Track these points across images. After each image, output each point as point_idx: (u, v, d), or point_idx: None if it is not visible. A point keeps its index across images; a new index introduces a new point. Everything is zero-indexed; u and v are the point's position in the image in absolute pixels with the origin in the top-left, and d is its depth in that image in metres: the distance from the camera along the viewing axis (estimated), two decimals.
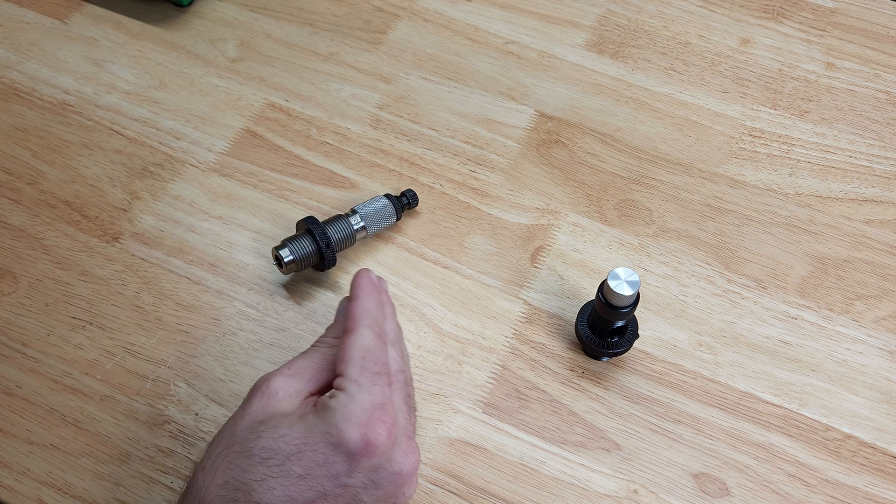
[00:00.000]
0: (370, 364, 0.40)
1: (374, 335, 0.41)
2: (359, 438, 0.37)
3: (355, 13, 0.67)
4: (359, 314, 0.42)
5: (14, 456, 0.47)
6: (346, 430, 0.37)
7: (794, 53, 0.65)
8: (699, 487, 0.46)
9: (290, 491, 0.37)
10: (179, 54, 0.64)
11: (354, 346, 0.40)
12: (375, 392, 0.39)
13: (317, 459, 0.37)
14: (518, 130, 0.60)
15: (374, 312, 0.42)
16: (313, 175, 0.58)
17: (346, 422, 0.38)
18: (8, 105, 0.61)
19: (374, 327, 0.41)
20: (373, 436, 0.38)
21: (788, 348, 0.51)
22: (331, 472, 0.37)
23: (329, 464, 0.38)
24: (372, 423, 0.38)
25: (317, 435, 0.38)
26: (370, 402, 0.38)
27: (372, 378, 0.39)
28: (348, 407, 0.38)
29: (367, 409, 0.38)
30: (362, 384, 0.39)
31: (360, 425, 0.38)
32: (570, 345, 0.51)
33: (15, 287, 0.53)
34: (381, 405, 0.39)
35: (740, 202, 0.57)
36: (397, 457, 0.39)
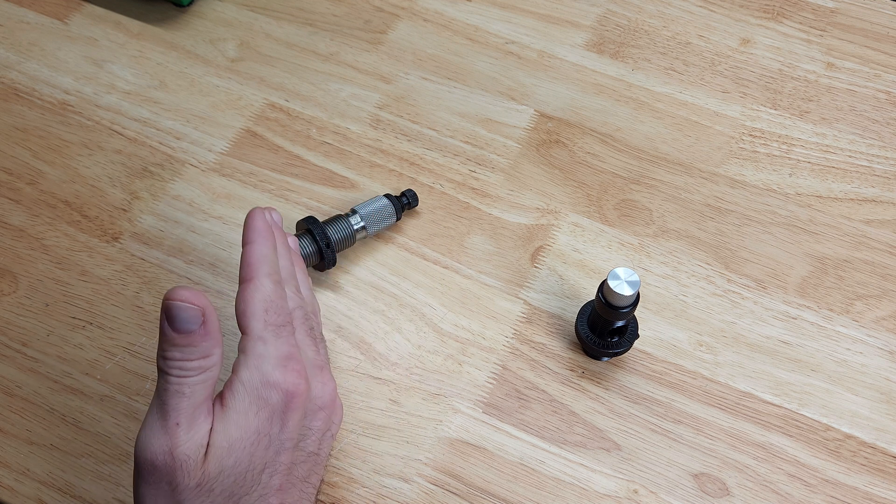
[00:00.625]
0: (273, 316, 0.38)
1: (272, 283, 0.39)
2: (281, 396, 0.37)
3: (355, 13, 0.67)
4: (256, 262, 0.39)
5: (14, 456, 0.47)
6: (268, 395, 0.37)
7: (794, 53, 0.65)
8: (699, 487, 0.46)
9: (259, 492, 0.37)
10: (179, 54, 0.64)
11: (255, 298, 0.38)
12: (281, 344, 0.38)
13: (264, 444, 0.37)
14: (518, 130, 0.60)
15: (271, 257, 0.40)
16: (313, 175, 0.58)
17: (266, 386, 0.37)
18: (8, 105, 0.61)
19: (273, 274, 0.40)
20: (292, 387, 0.37)
21: (788, 348, 0.51)
22: (277, 447, 0.37)
23: (273, 439, 0.37)
24: (287, 377, 0.37)
25: (251, 421, 0.37)
26: (278, 356, 0.38)
27: (276, 331, 0.38)
28: (261, 369, 0.37)
29: (277, 365, 0.37)
30: (268, 340, 0.38)
31: (277, 384, 0.37)
32: (570, 345, 0.51)
33: (15, 287, 0.53)
34: (288, 355, 0.38)
35: (740, 202, 0.57)
36: (316, 392, 0.40)
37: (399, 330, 0.51)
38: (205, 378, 0.36)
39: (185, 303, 0.35)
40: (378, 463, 0.47)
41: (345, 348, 0.50)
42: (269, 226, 0.42)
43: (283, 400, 0.37)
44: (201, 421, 0.36)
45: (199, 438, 0.36)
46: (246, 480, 0.36)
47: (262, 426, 0.37)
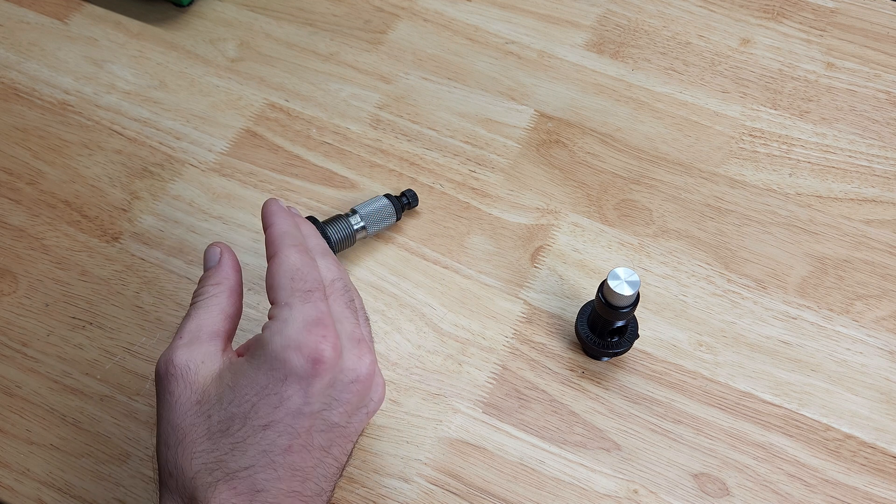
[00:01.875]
0: (300, 283, 0.38)
1: (298, 253, 0.39)
2: (304, 361, 0.36)
3: (355, 13, 0.67)
4: (278, 237, 0.39)
5: (14, 456, 0.47)
6: (288, 358, 0.36)
7: (794, 53, 0.65)
8: (699, 487, 0.46)
9: (261, 446, 0.36)
10: (179, 54, 0.64)
11: (280, 269, 0.38)
12: (308, 309, 0.37)
13: (272, 402, 0.36)
14: (518, 130, 0.60)
15: (293, 232, 0.40)
16: (313, 175, 0.58)
17: (286, 349, 0.36)
18: (8, 105, 0.61)
19: (298, 245, 0.39)
20: (316, 353, 0.36)
21: (788, 348, 0.51)
22: (291, 409, 0.36)
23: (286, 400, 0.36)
24: (312, 342, 0.36)
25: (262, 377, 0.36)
26: (304, 320, 0.37)
27: (304, 296, 0.37)
28: (283, 333, 0.36)
29: (302, 329, 0.36)
30: (294, 305, 0.37)
31: (300, 347, 0.36)
32: (570, 345, 0.51)
33: (15, 287, 0.53)
34: (316, 320, 0.37)
35: (740, 202, 0.57)
36: (349, 364, 0.37)
37: (399, 330, 0.51)
38: (207, 302, 0.39)
39: (213, 246, 0.42)
40: (378, 463, 0.47)
41: None
42: (287, 210, 0.42)
43: (305, 365, 0.36)
44: (205, 342, 0.38)
45: (200, 355, 0.38)
46: (245, 426, 0.36)
47: (272, 384, 0.36)
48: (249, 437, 0.36)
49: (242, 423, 0.36)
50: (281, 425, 0.36)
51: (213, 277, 0.41)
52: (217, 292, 0.40)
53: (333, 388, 0.37)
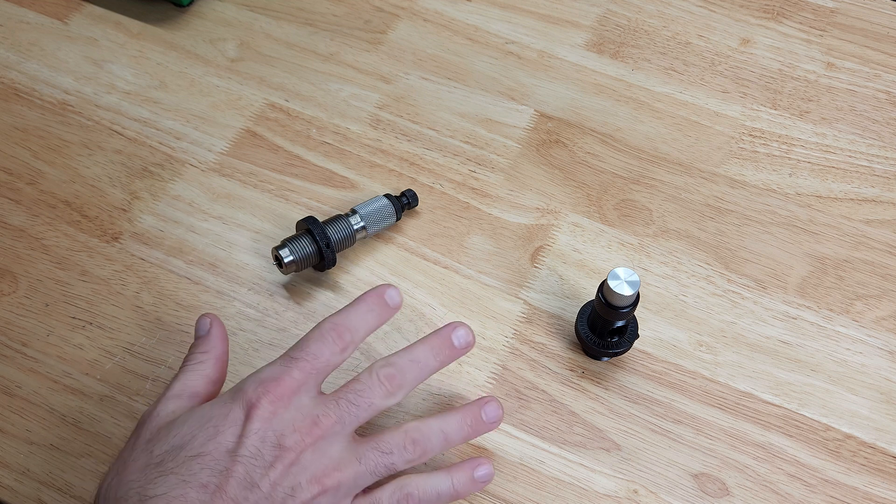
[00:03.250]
0: (294, 350, 0.41)
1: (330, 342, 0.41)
2: (251, 395, 0.38)
3: (355, 13, 0.67)
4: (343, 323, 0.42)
5: (14, 456, 0.47)
6: (234, 396, 0.39)
7: (794, 53, 0.65)
8: (699, 487, 0.46)
9: (182, 476, 0.36)
10: (179, 54, 0.64)
11: (314, 331, 0.41)
12: (275, 368, 0.40)
13: (209, 434, 0.37)
14: (518, 130, 0.60)
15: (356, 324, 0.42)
16: (313, 175, 0.58)
17: (244, 382, 0.40)
18: (8, 105, 0.61)
19: (341, 342, 0.41)
20: (256, 399, 0.38)
21: (788, 348, 0.51)
22: (222, 444, 0.37)
23: (220, 433, 0.37)
24: (262, 389, 0.38)
25: (211, 409, 0.39)
26: (269, 373, 0.39)
27: (284, 360, 0.40)
28: (246, 378, 0.40)
29: (263, 377, 0.39)
30: (277, 361, 0.40)
31: (256, 384, 0.39)
32: (570, 345, 0.51)
33: (15, 287, 0.53)
34: (275, 378, 0.39)
35: (740, 202, 0.57)
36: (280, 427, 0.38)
37: (399, 330, 0.51)
38: (194, 367, 0.42)
39: (204, 317, 0.45)
40: None
41: None
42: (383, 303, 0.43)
43: (243, 407, 0.38)
44: (185, 399, 0.41)
45: (172, 407, 0.40)
46: (177, 457, 0.37)
47: (217, 416, 0.38)
48: (176, 468, 0.37)
49: (177, 454, 0.37)
50: (209, 458, 0.37)
51: (202, 346, 0.44)
52: (204, 359, 0.43)
53: (264, 443, 0.37)
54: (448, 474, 0.41)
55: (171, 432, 0.38)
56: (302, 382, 0.39)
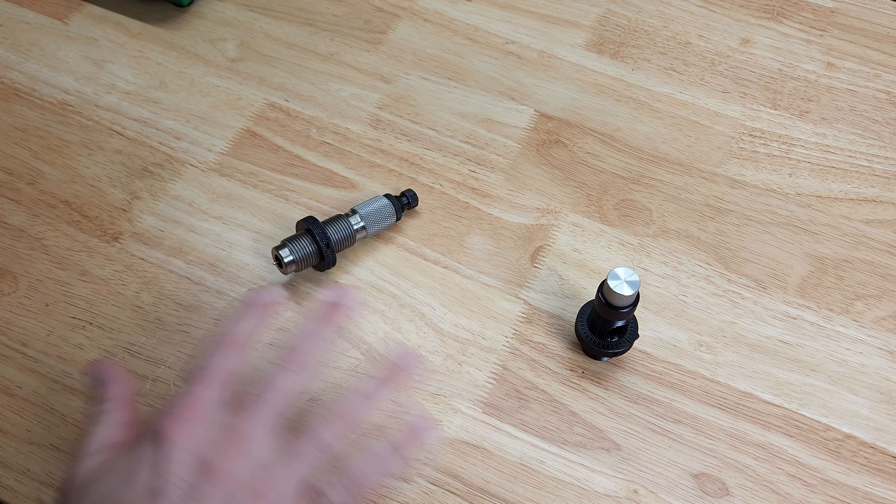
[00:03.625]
0: (194, 368, 0.39)
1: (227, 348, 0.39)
2: (157, 426, 0.36)
3: (355, 13, 0.67)
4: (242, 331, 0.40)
5: (14, 456, 0.47)
6: (150, 418, 0.37)
7: (794, 53, 0.65)
8: (699, 487, 0.46)
9: None
10: (179, 54, 0.64)
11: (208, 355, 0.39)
12: (174, 397, 0.38)
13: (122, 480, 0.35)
14: (518, 130, 0.60)
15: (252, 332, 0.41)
16: (313, 175, 0.58)
17: (153, 415, 0.37)
18: (8, 105, 0.61)
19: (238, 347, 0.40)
20: (161, 428, 0.36)
21: (788, 348, 0.51)
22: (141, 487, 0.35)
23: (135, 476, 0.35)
24: (167, 417, 0.36)
25: (124, 460, 0.36)
26: (169, 403, 0.37)
27: (195, 381, 0.38)
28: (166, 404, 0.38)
29: (164, 407, 0.37)
30: (181, 387, 0.38)
31: (159, 415, 0.37)
32: (570, 345, 0.51)
33: (15, 287, 0.53)
34: (177, 404, 0.37)
35: (740, 202, 0.57)
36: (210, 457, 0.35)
37: (399, 330, 0.51)
38: (104, 419, 0.39)
39: (92, 366, 0.42)
40: None
41: (345, 348, 0.50)
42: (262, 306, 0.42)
43: (151, 441, 0.36)
44: (105, 454, 0.38)
45: (90, 465, 0.37)
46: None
47: (124, 459, 0.37)
48: None
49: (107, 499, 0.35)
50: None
51: (104, 394, 0.41)
52: (111, 406, 0.40)
53: (184, 469, 0.35)
54: (386, 444, 0.41)
55: (89, 496, 0.36)
56: (207, 397, 0.37)
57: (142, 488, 0.34)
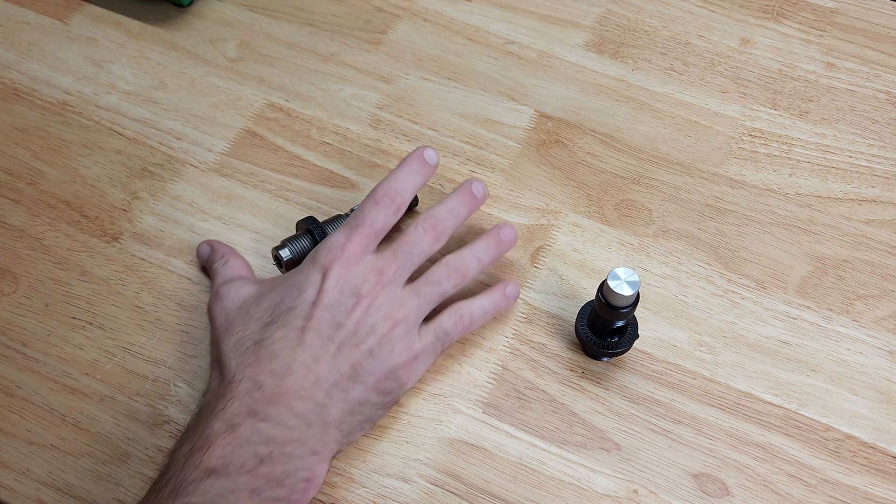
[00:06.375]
0: (354, 219, 0.47)
1: (383, 207, 0.48)
2: (324, 261, 0.46)
3: (355, 13, 0.67)
4: (394, 186, 0.49)
5: (14, 456, 0.47)
6: (319, 252, 0.47)
7: (794, 53, 0.65)
8: (699, 487, 0.46)
9: (283, 323, 0.44)
10: (179, 54, 0.64)
11: (368, 198, 0.49)
12: (341, 235, 0.47)
13: (294, 294, 0.45)
14: (518, 130, 0.60)
15: (409, 189, 0.49)
16: (313, 175, 0.58)
17: (317, 250, 0.47)
18: (8, 105, 0.61)
19: (394, 205, 0.48)
20: (329, 263, 0.46)
21: (788, 348, 0.51)
22: (307, 299, 0.45)
23: (304, 291, 0.45)
24: (332, 256, 0.46)
25: (293, 277, 0.46)
26: (336, 240, 0.47)
27: (348, 228, 0.47)
28: (325, 241, 0.48)
29: (331, 245, 0.47)
30: (340, 228, 0.48)
31: (326, 251, 0.46)
32: (570, 345, 0.51)
33: (15, 287, 0.53)
34: (342, 245, 0.46)
35: (740, 202, 0.57)
36: (355, 280, 0.46)
37: None
38: (222, 267, 0.51)
39: (201, 245, 0.53)
40: (378, 463, 0.47)
41: None
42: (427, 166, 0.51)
43: (319, 271, 0.46)
44: (235, 280, 0.49)
45: (234, 287, 0.48)
46: (274, 312, 0.45)
47: (298, 281, 0.46)
48: (275, 319, 0.45)
49: (272, 310, 0.45)
50: (299, 309, 0.45)
51: (216, 255, 0.51)
52: (224, 259, 0.51)
53: (342, 294, 0.45)
54: (487, 294, 0.50)
55: (263, 299, 0.46)
56: (365, 245, 0.47)
57: (308, 300, 0.45)
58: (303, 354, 0.43)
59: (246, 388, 0.42)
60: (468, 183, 0.51)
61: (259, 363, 0.43)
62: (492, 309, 0.49)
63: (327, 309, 0.45)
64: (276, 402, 0.42)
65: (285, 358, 0.43)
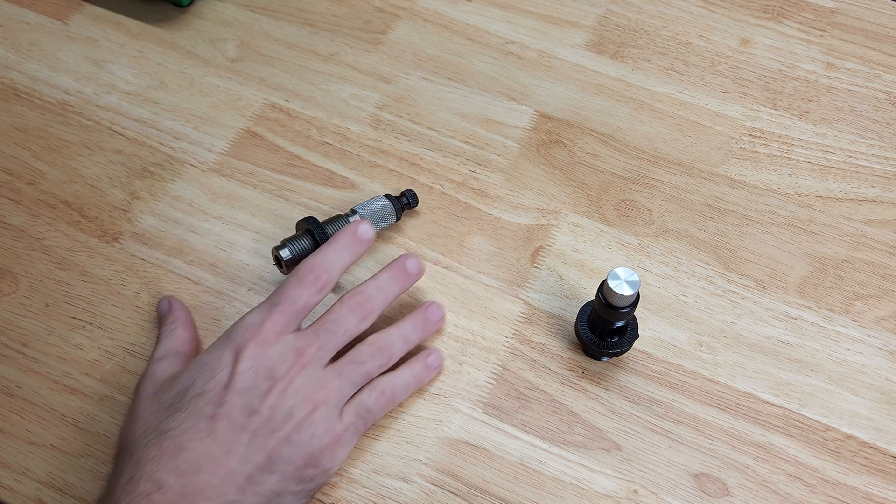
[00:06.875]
0: (275, 295, 0.45)
1: (307, 284, 0.45)
2: (239, 340, 0.43)
3: (355, 13, 0.67)
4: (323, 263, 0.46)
5: (14, 456, 0.47)
6: (234, 331, 0.44)
7: (794, 53, 0.65)
8: (699, 487, 0.46)
9: (191, 411, 0.41)
10: (179, 54, 0.64)
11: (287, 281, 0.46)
12: (259, 313, 0.44)
13: (207, 376, 0.42)
14: (518, 130, 0.60)
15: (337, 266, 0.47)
16: (313, 175, 0.58)
17: (237, 326, 0.44)
18: (8, 105, 0.61)
19: (318, 283, 0.45)
20: (243, 343, 0.43)
21: (788, 348, 0.51)
22: (220, 382, 0.42)
23: (217, 373, 0.42)
24: (249, 334, 0.43)
25: (206, 356, 0.44)
26: (253, 319, 0.44)
27: (267, 305, 0.45)
28: (241, 319, 0.45)
29: (248, 324, 0.44)
30: (260, 306, 0.45)
31: (243, 330, 0.44)
32: (570, 345, 0.51)
33: (15, 287, 0.53)
34: (259, 324, 0.44)
35: (740, 202, 0.57)
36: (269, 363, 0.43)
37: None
38: (169, 334, 0.48)
39: (161, 301, 0.51)
40: (378, 463, 0.47)
41: None
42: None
43: (233, 351, 0.43)
44: (171, 357, 0.46)
45: (165, 366, 0.46)
46: (184, 397, 0.42)
47: (211, 361, 0.43)
48: (183, 406, 0.42)
49: (182, 396, 0.42)
50: (210, 395, 0.42)
51: (168, 319, 0.49)
52: (174, 326, 0.48)
53: (256, 377, 0.42)
54: (408, 367, 0.48)
55: (175, 382, 0.43)
56: (284, 324, 0.44)
57: (220, 384, 0.42)
58: (213, 447, 0.40)
59: (144, 490, 0.38)
60: (402, 258, 0.48)
61: (163, 458, 0.39)
62: (414, 381, 0.47)
63: (240, 394, 0.41)
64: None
65: (193, 451, 0.40)
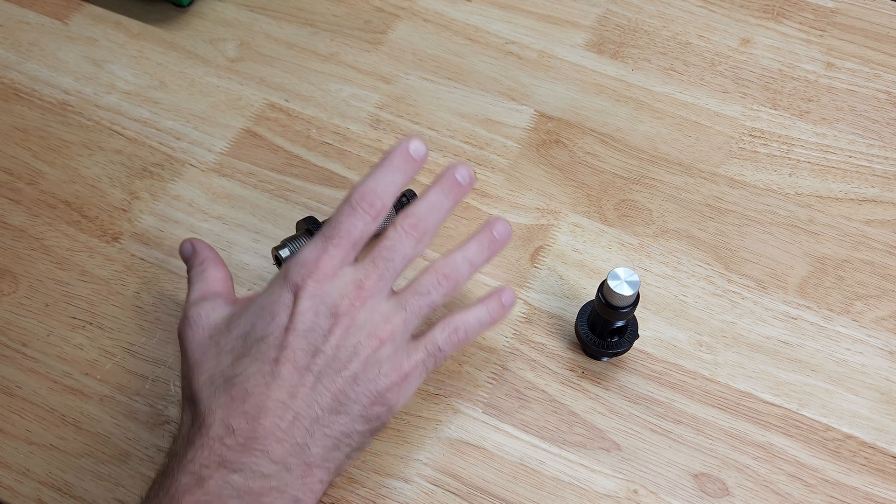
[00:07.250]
0: (328, 228, 0.42)
1: (361, 213, 0.42)
2: (296, 279, 0.41)
3: (355, 13, 0.67)
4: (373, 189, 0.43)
5: (14, 456, 0.47)
6: (290, 269, 0.42)
7: (794, 53, 0.65)
8: (699, 487, 0.46)
9: (254, 356, 0.40)
10: (179, 54, 0.64)
11: (341, 209, 0.43)
12: (314, 248, 0.42)
13: (266, 319, 0.41)
14: (518, 130, 0.60)
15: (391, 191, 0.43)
16: (313, 175, 0.58)
17: (287, 266, 0.42)
18: (8, 105, 0.61)
19: (373, 210, 0.43)
20: (301, 281, 0.41)
21: (788, 348, 0.51)
22: (279, 325, 0.40)
23: (276, 316, 0.41)
24: (305, 272, 0.41)
25: (263, 298, 0.42)
26: (308, 255, 0.42)
27: (321, 239, 0.42)
28: (297, 256, 0.42)
29: (303, 260, 0.42)
30: (314, 240, 0.42)
31: (299, 268, 0.41)
32: (570, 345, 0.51)
33: (15, 287, 0.53)
34: (315, 259, 0.41)
35: (740, 202, 0.57)
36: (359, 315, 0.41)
37: None
38: (200, 276, 0.46)
39: (184, 243, 0.48)
40: (378, 463, 0.47)
41: None
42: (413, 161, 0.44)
43: (291, 291, 0.41)
44: (209, 299, 0.44)
45: (206, 308, 0.43)
46: (245, 342, 0.41)
47: (268, 304, 0.41)
48: (247, 351, 0.40)
49: (243, 340, 0.41)
50: (271, 338, 0.40)
51: (195, 259, 0.47)
52: (203, 268, 0.46)
53: (318, 316, 0.41)
54: (483, 304, 0.45)
55: (233, 326, 0.42)
56: (341, 258, 0.42)
57: (280, 327, 0.40)
58: (278, 390, 0.39)
59: (217, 434, 0.38)
60: (451, 168, 0.44)
61: (232, 404, 0.39)
62: (488, 320, 0.45)
63: (302, 335, 0.40)
64: (249, 449, 0.38)
65: (259, 396, 0.39)
